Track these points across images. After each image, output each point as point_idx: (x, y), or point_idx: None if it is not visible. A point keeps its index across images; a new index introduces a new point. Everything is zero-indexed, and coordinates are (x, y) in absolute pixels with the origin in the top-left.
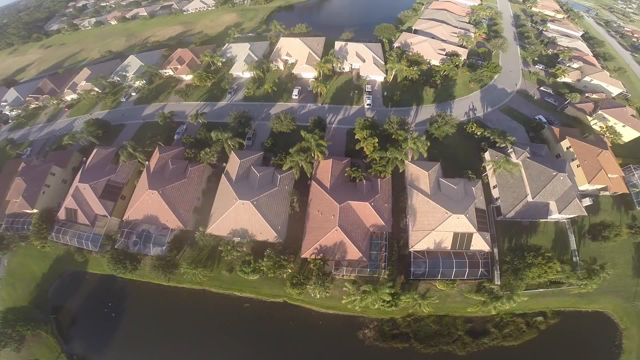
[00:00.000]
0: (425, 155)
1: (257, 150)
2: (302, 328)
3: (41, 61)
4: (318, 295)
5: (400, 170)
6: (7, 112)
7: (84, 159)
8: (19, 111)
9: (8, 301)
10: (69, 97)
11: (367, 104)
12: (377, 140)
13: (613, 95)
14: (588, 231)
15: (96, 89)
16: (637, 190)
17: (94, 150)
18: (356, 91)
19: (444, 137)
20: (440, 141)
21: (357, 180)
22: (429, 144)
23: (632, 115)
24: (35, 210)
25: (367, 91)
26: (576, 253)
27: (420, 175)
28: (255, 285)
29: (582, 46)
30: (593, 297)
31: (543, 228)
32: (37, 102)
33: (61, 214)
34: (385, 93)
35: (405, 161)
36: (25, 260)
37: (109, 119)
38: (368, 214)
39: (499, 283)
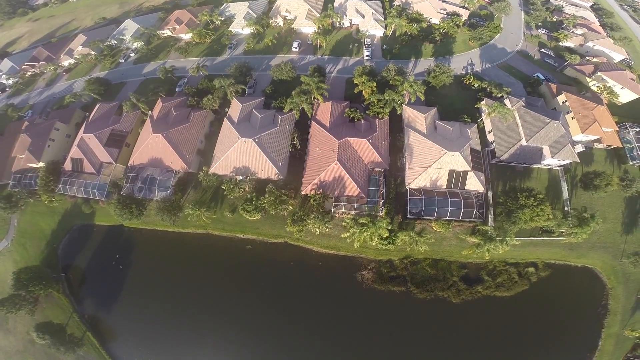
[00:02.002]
0: (422, 98)
1: (259, 97)
2: (303, 269)
3: (31, 33)
4: (318, 231)
5: (398, 113)
6: (4, 81)
7: (87, 114)
8: (16, 79)
9: (20, 262)
10: (66, 62)
11: (366, 56)
12: (375, 84)
13: (615, 61)
14: (580, 180)
15: (93, 53)
16: (631, 146)
17: (97, 105)
18: (356, 44)
19: (441, 86)
20: (438, 90)
21: (356, 121)
22: (424, 88)
23: (632, 79)
24: (41, 164)
25: (367, 44)
26: (568, 203)
27: (417, 117)
28: (257, 226)
29: (590, 16)
30: (583, 250)
31: (537, 174)
32: (33, 70)
33: (67, 165)
34: (385, 46)
35: (403, 105)
36: (34, 218)
37: (110, 78)
38: (366, 151)
39: (493, 225)
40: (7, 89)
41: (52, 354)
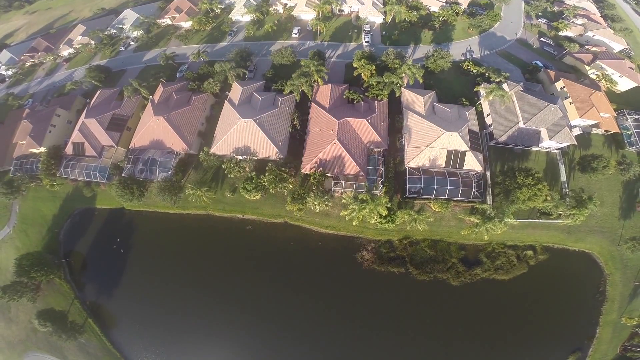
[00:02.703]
0: (421, 81)
1: (259, 81)
2: (302, 250)
3: (29, 25)
4: (318, 209)
5: (397, 95)
6: (3, 72)
7: (88, 100)
8: (15, 69)
9: (22, 249)
10: (66, 52)
11: (366, 41)
12: (374, 67)
13: (615, 51)
14: (578, 163)
15: (93, 42)
16: (629, 132)
17: (98, 92)
18: (355, 30)
19: (440, 71)
20: (436, 75)
21: (355, 102)
22: (423, 72)
23: (630, 68)
24: (42, 149)
25: (366, 30)
26: (566, 185)
27: (416, 100)
28: (257, 206)
29: (591, 7)
30: (581, 235)
31: (535, 157)
32: (33, 60)
33: (68, 149)
34: (384, 32)
35: (402, 88)
36: (36, 204)
37: (110, 66)
38: (365, 131)
39: (491, 204)
40: (7, 80)
41: (54, 342)
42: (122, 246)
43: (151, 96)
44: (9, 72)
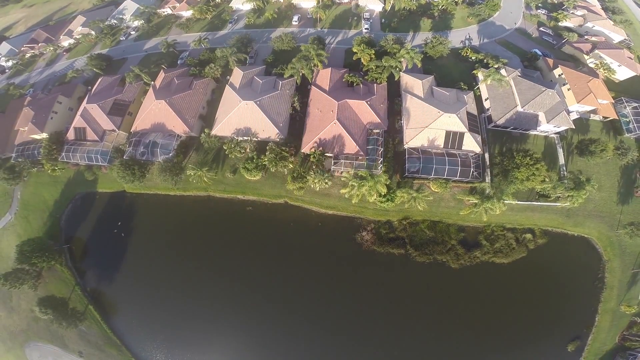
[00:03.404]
0: (419, 65)
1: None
2: (302, 230)
3: (28, 18)
4: (318, 187)
5: (396, 79)
6: (3, 64)
7: (89, 88)
8: (16, 60)
9: (24, 236)
10: (66, 42)
11: (365, 29)
12: (373, 51)
13: (615, 42)
14: (576, 147)
15: (94, 32)
16: (627, 119)
17: (100, 79)
18: (355, 18)
19: (438, 57)
20: (435, 60)
21: (355, 85)
22: (421, 56)
23: (629, 57)
24: (44, 135)
25: (366, 18)
26: (564, 168)
27: (415, 84)
28: (257, 187)
29: None
30: (579, 219)
31: (533, 140)
32: (33, 51)
33: (70, 134)
34: (383, 20)
35: (401, 72)
36: (37, 189)
37: (111, 55)
38: (365, 112)
39: (490, 182)
40: (7, 71)
41: (55, 331)
42: (123, 230)
43: (152, 82)
44: (9, 63)
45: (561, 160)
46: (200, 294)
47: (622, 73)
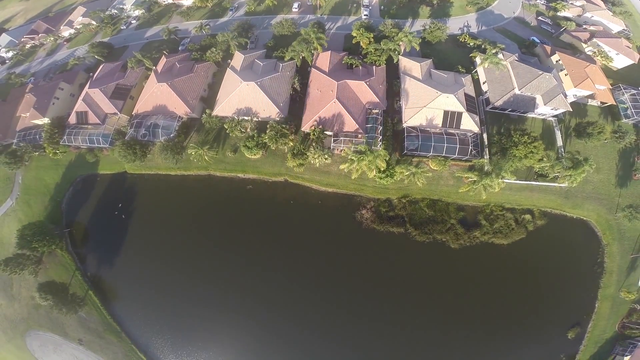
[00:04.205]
0: (417, 48)
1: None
2: (302, 209)
3: (26, 11)
4: (318, 163)
5: (395, 61)
6: (3, 55)
7: (91, 74)
8: (16, 51)
9: (25, 222)
10: (66, 32)
11: (365, 15)
12: (372, 35)
13: (613, 32)
14: (574, 129)
15: (94, 22)
16: (625, 106)
17: (101, 65)
18: (354, 4)
19: (437, 42)
20: (433, 45)
21: (354, 67)
22: (419, 40)
23: (627, 46)
24: (46, 120)
25: (365, 4)
26: (562, 150)
27: (413, 66)
28: (257, 165)
29: None
30: (578, 200)
31: (531, 123)
32: (33, 42)
33: (72, 119)
34: (382, 7)
35: (399, 55)
36: (39, 173)
37: (112, 43)
38: (364, 92)
39: (488, 159)
40: (7, 61)
41: (55, 319)
42: (124, 212)
43: (154, 67)
44: (9, 54)
45: (559, 142)
46: (202, 277)
47: (620, 61)
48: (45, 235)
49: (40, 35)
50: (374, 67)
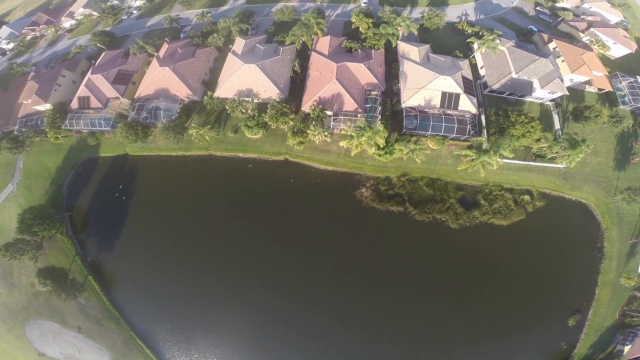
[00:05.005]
0: (415, 33)
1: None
2: (302, 187)
3: (25, 4)
4: (317, 140)
5: (393, 46)
6: (4, 46)
7: (93, 62)
8: (17, 43)
9: (25, 207)
10: (67, 23)
11: (364, 2)
12: (371, 20)
13: (611, 23)
14: (571, 113)
15: (95, 13)
16: (622, 93)
17: (103, 53)
18: None
19: (435, 29)
20: (431, 32)
21: (353, 51)
22: (417, 25)
23: (625, 36)
24: (48, 106)
25: None
26: (560, 133)
27: (411, 51)
28: (258, 145)
29: None
30: (576, 182)
31: (529, 107)
32: (34, 33)
33: (74, 104)
34: None
35: (398, 40)
36: (40, 158)
37: (114, 32)
38: (363, 73)
39: (486, 138)
40: (8, 53)
41: (55, 306)
42: (125, 193)
43: (156, 53)
44: (10, 46)
45: (557, 125)
46: (202, 259)
47: (617, 50)
48: (45, 219)
49: (41, 26)
50: (373, 50)
